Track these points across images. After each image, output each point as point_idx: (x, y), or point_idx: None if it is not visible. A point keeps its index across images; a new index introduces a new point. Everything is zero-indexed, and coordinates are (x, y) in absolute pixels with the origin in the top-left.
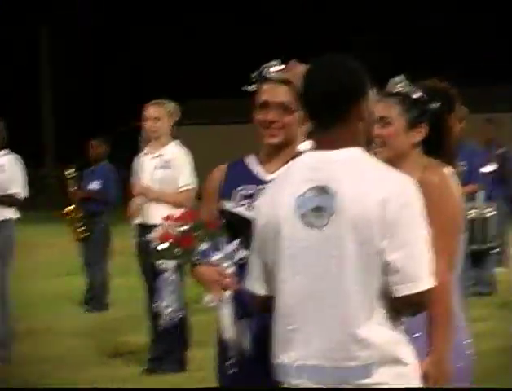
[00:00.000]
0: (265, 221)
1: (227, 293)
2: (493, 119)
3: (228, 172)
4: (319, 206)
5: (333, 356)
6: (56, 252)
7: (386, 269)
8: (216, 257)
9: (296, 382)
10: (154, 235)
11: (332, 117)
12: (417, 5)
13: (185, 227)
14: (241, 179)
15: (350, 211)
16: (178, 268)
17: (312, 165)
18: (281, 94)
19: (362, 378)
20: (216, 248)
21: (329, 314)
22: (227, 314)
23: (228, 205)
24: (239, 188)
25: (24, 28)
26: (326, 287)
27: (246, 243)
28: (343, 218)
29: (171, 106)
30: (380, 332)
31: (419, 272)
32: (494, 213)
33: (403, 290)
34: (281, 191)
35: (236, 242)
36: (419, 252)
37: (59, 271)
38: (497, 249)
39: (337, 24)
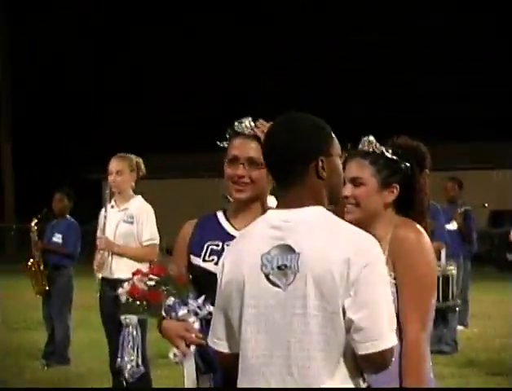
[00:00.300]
0: (229, 279)
1: (192, 348)
2: (456, 177)
3: (198, 226)
4: (283, 264)
5: None
6: (14, 305)
7: (349, 327)
8: (182, 311)
9: None
10: (123, 289)
11: (288, 178)
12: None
13: (153, 282)
14: (210, 234)
15: (313, 270)
16: (141, 323)
17: (275, 224)
18: (251, 150)
19: None
20: (183, 302)
21: (293, 372)
22: (191, 369)
23: (196, 260)
24: (207, 243)
25: None
26: (290, 345)
27: (213, 299)
28: (307, 277)
29: (134, 160)
30: None
31: (381, 331)
32: (455, 271)
33: (366, 348)
34: (245, 248)
35: (202, 297)
36: (381, 311)
37: (18, 325)
38: (458, 307)
39: (337, 23)
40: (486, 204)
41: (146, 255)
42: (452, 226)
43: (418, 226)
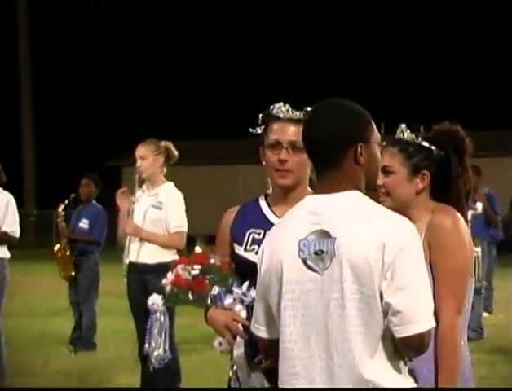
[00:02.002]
0: (268, 266)
1: (239, 339)
2: (475, 164)
3: (240, 214)
4: (320, 250)
5: None
6: (37, 291)
7: (386, 310)
8: (228, 300)
9: None
10: (167, 279)
11: (326, 162)
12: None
13: (197, 271)
14: (252, 222)
15: (349, 254)
16: (169, 309)
17: (312, 209)
18: (292, 133)
19: None
20: (228, 291)
21: (333, 355)
22: (240, 358)
23: (238, 249)
24: (249, 231)
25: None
26: (328, 329)
27: (255, 287)
28: (344, 261)
29: (160, 144)
30: (384, 372)
31: (418, 314)
32: (480, 253)
33: (403, 331)
34: (283, 235)
35: (246, 284)
36: (418, 294)
37: (43, 311)
38: (484, 293)
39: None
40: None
41: (173, 242)
42: (477, 210)
43: (456, 212)
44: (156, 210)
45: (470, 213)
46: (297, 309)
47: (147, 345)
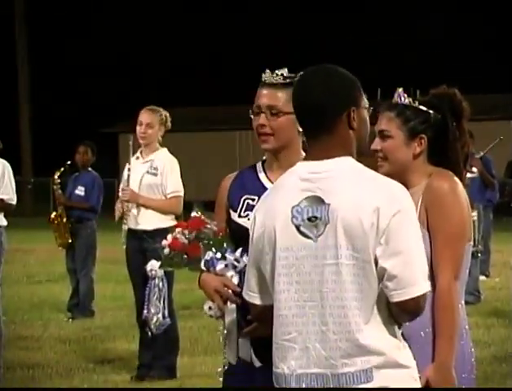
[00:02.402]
0: (260, 232)
1: (230, 305)
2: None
3: (238, 179)
4: (314, 216)
5: (333, 363)
6: (35, 258)
7: (382, 275)
8: (220, 266)
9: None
10: (165, 241)
11: (319, 127)
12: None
13: (193, 235)
14: (248, 187)
15: (343, 220)
16: (167, 275)
17: (305, 176)
18: (271, 98)
19: (362, 383)
20: (222, 256)
21: (328, 321)
22: (231, 325)
23: (233, 215)
24: (244, 197)
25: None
26: (323, 295)
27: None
28: (338, 227)
29: (164, 114)
30: (379, 337)
31: (413, 278)
32: (476, 217)
33: (399, 296)
34: (275, 201)
35: (239, 250)
36: (413, 258)
37: (40, 278)
38: (480, 254)
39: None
40: (501, 137)
41: (170, 207)
42: (472, 174)
43: (454, 176)
44: (152, 176)
45: (467, 176)
46: (291, 276)
47: (145, 311)
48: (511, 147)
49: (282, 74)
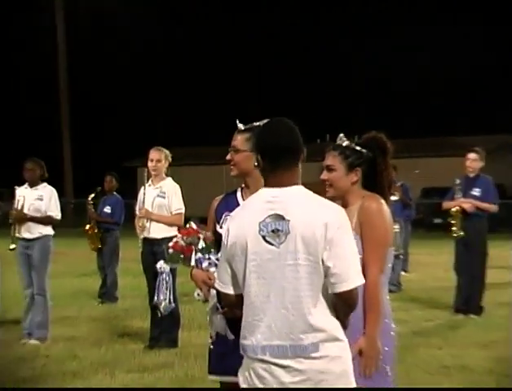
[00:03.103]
0: (234, 241)
1: (213, 291)
2: (393, 163)
3: (223, 200)
4: (276, 228)
5: (290, 337)
6: (74, 259)
7: (327, 273)
8: (205, 264)
9: (261, 357)
10: (169, 244)
11: (281, 166)
12: None
13: (189, 240)
14: (228, 206)
15: (302, 231)
16: (172, 271)
17: (267, 199)
18: (235, 140)
19: (312, 352)
20: (207, 257)
21: (287, 306)
22: (212, 305)
23: (217, 226)
24: (225, 213)
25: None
26: (284, 287)
27: None
28: (297, 237)
29: (167, 152)
30: (324, 319)
31: (349, 274)
32: (398, 230)
33: (338, 288)
34: (245, 217)
35: (220, 253)
36: (349, 260)
37: (78, 273)
38: (402, 256)
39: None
40: (417, 171)
41: (175, 221)
42: (395, 197)
43: (380, 198)
44: (161, 198)
45: (391, 199)
46: (259, 273)
47: (156, 298)
48: (423, 176)
49: (241, 127)
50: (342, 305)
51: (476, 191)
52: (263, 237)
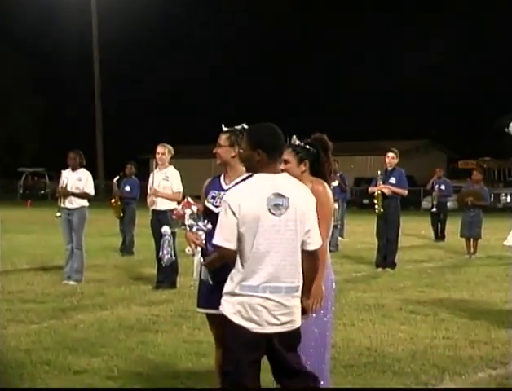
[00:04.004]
0: (247, 212)
1: (199, 248)
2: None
3: (210, 182)
4: (277, 203)
5: (285, 280)
6: (103, 224)
7: (305, 235)
8: (195, 228)
9: (261, 295)
10: (174, 212)
11: (276, 158)
12: None
13: (186, 210)
14: (214, 186)
15: (297, 206)
16: (173, 233)
17: (269, 181)
18: (220, 139)
19: (296, 292)
20: (196, 223)
21: (286, 259)
22: (197, 260)
23: (206, 202)
24: (211, 192)
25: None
26: (284, 245)
27: (211, 222)
28: (295, 210)
29: (170, 147)
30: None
31: (319, 237)
32: (337, 207)
33: (312, 246)
34: (255, 194)
35: (205, 221)
36: (316, 227)
37: (105, 234)
38: (339, 227)
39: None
40: (352, 166)
41: (175, 197)
42: (335, 183)
43: (324, 182)
44: (165, 181)
45: (332, 184)
46: (265, 235)
47: (161, 253)
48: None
49: (224, 129)
50: (309, 259)
51: (392, 180)
52: (269, 209)
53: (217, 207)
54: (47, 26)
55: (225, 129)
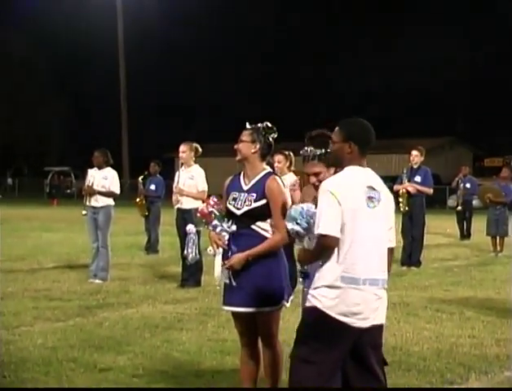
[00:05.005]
0: (348, 201)
1: (220, 249)
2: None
3: (230, 181)
4: (372, 196)
5: (379, 272)
6: (129, 222)
7: (389, 232)
8: (219, 229)
9: (361, 287)
10: (199, 212)
11: (366, 152)
12: None
13: (210, 209)
14: (234, 187)
15: (386, 202)
16: (198, 232)
17: (363, 174)
18: (243, 135)
19: (386, 284)
20: (221, 224)
21: (380, 251)
22: (218, 260)
23: (227, 203)
24: (232, 193)
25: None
26: (377, 238)
27: (234, 224)
28: (383, 205)
29: (193, 145)
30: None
31: (395, 237)
32: None
33: (391, 244)
34: (353, 185)
35: (230, 222)
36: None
37: (131, 232)
38: None
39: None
40: (376, 164)
41: (200, 196)
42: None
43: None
44: (190, 180)
45: None
46: (363, 227)
47: (185, 251)
48: (384, 168)
49: (248, 126)
50: (388, 256)
51: (418, 178)
52: (365, 201)
53: (238, 209)
54: (73, 27)
55: (248, 125)
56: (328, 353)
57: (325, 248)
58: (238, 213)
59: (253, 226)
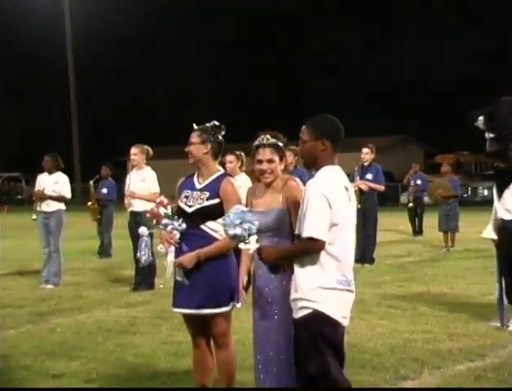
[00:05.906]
0: (337, 203)
1: (172, 247)
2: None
3: (183, 181)
4: (349, 197)
5: (352, 271)
6: (81, 227)
7: None
8: (169, 227)
9: (351, 289)
10: (148, 212)
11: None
12: None
13: (160, 209)
14: (187, 186)
15: (353, 200)
16: (150, 234)
17: (339, 173)
18: (192, 137)
19: None
20: (172, 223)
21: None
22: (170, 260)
23: (179, 201)
24: (184, 192)
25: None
26: (353, 239)
27: (185, 222)
28: (353, 203)
29: (144, 147)
30: None
31: None
32: None
33: None
34: (337, 186)
35: (180, 220)
36: None
37: (83, 237)
38: None
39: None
40: None
41: (152, 198)
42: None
43: (292, 177)
44: (142, 182)
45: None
46: (348, 228)
47: (138, 254)
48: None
49: (195, 127)
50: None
51: (369, 176)
52: (347, 202)
53: (190, 206)
54: (20, 29)
55: (196, 127)
56: (333, 361)
57: (312, 251)
58: (189, 210)
59: (202, 226)
